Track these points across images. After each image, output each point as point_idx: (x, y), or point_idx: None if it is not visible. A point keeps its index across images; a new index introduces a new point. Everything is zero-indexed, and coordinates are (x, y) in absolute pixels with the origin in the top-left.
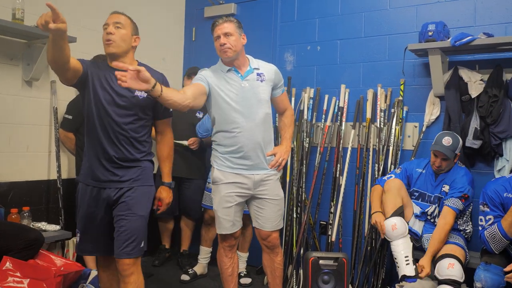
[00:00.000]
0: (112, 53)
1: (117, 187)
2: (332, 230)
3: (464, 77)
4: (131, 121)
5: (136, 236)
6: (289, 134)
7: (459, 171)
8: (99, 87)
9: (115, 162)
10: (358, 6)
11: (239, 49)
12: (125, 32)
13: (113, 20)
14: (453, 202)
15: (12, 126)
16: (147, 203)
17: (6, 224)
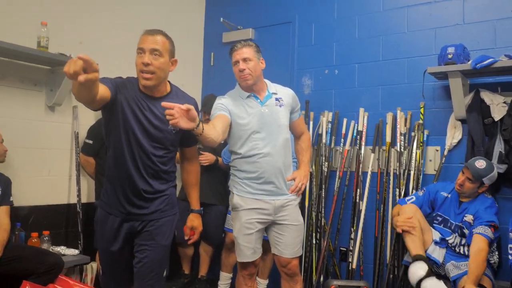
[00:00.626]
0: (149, 86)
1: (142, 219)
2: (353, 256)
3: (486, 99)
4: (161, 154)
5: (160, 267)
6: (307, 158)
7: (484, 202)
8: (130, 113)
9: (142, 195)
10: (375, 30)
11: (258, 74)
12: (163, 61)
13: (150, 46)
14: (483, 230)
15: (34, 150)
16: (171, 232)
17: (27, 248)
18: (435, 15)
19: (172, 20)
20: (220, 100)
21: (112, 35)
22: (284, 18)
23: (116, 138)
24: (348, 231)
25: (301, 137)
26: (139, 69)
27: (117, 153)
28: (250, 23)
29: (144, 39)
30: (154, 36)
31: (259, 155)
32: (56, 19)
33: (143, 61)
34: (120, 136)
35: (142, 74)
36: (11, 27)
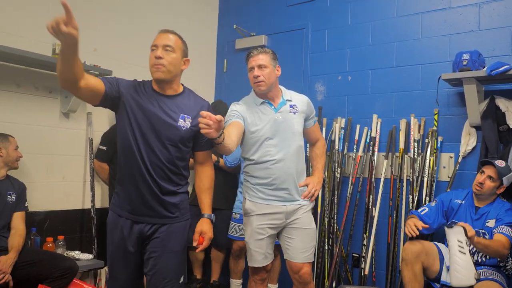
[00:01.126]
0: (160, 79)
1: (152, 222)
2: (365, 263)
3: (501, 106)
4: (170, 152)
5: (174, 273)
6: (321, 165)
7: (504, 205)
8: (138, 111)
9: (151, 196)
10: (389, 36)
11: (273, 81)
12: (175, 56)
13: (163, 42)
14: (505, 229)
15: (49, 157)
16: (183, 238)
17: (42, 253)
18: (450, 21)
19: (186, 27)
20: (234, 107)
21: (125, 42)
22: (297, 25)
23: (124, 136)
24: (360, 237)
25: (316, 144)
26: (152, 63)
27: (126, 152)
28: (263, 29)
29: (158, 37)
30: (167, 34)
31: (272, 161)
32: None
33: (155, 55)
34: (128, 134)
35: (154, 67)
36: (26, 34)
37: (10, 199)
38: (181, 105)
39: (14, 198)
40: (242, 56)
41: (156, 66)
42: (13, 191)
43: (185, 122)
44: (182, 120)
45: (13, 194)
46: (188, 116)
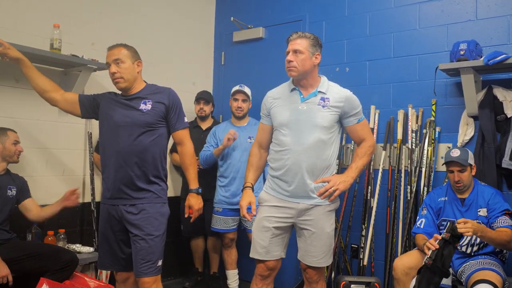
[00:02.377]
0: (122, 88)
1: (129, 203)
2: (364, 253)
3: (499, 96)
4: (138, 137)
5: (153, 255)
6: (356, 165)
7: (487, 190)
8: (110, 110)
9: (128, 183)
10: (387, 27)
11: (308, 69)
12: (126, 65)
13: (112, 58)
14: (504, 221)
15: (49, 151)
16: (162, 222)
17: (43, 246)
18: (447, 11)
19: (183, 20)
20: (265, 100)
21: (123, 36)
22: (295, 16)
23: (102, 131)
24: (359, 228)
25: (361, 144)
26: (111, 79)
27: (104, 144)
28: (260, 21)
29: (107, 55)
30: (114, 49)
31: (285, 151)
32: (68, 21)
33: (110, 71)
34: (104, 128)
35: (114, 81)
36: (24, 29)
37: (10, 193)
38: (142, 96)
39: (14, 193)
40: (239, 48)
41: (116, 80)
42: (13, 185)
43: (146, 105)
44: (144, 104)
45: (14, 189)
46: (149, 100)
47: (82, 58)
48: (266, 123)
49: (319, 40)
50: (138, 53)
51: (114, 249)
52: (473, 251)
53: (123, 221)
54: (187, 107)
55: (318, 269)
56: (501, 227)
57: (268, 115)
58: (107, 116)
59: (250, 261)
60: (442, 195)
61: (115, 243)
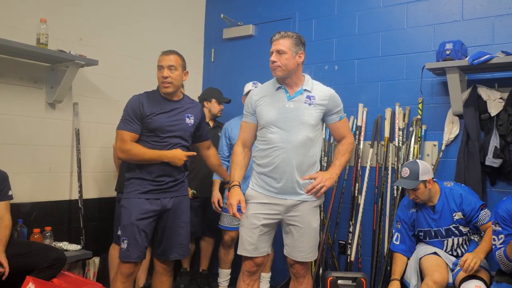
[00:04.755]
0: (168, 92)
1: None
2: (351, 249)
3: (483, 95)
4: (183, 144)
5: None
6: (339, 162)
7: (455, 192)
8: (158, 115)
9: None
10: (375, 25)
11: (292, 68)
12: (178, 73)
13: (167, 63)
14: (485, 216)
15: (35, 148)
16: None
17: (29, 244)
18: (434, 11)
19: (173, 17)
20: (249, 99)
21: (111, 31)
22: (285, 14)
23: (150, 137)
24: (346, 225)
25: (342, 141)
26: (160, 81)
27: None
28: (250, 19)
29: (162, 58)
30: (170, 55)
31: (273, 148)
32: (55, 16)
33: (163, 75)
34: (150, 133)
35: (163, 85)
36: (11, 24)
37: None
38: (185, 107)
39: None
40: (229, 45)
41: (165, 85)
42: None
43: (189, 119)
44: (188, 118)
45: None
46: (191, 115)
47: (70, 53)
48: (250, 121)
49: (302, 39)
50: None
51: (143, 240)
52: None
53: (163, 211)
54: None
55: (306, 264)
56: (486, 223)
57: (254, 113)
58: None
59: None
60: (411, 206)
61: (145, 234)
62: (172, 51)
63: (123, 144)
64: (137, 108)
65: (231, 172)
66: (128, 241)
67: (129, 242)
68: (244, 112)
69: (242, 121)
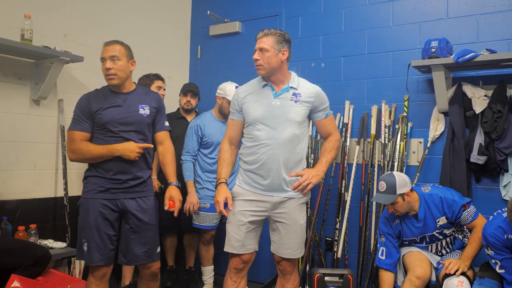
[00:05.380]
0: (115, 84)
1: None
2: (338, 246)
3: (468, 93)
4: (140, 138)
5: (157, 242)
6: (326, 159)
7: (435, 197)
8: (107, 110)
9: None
10: (361, 23)
11: (274, 66)
12: (122, 63)
13: (109, 54)
14: (468, 216)
15: (20, 144)
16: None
17: (14, 241)
18: (419, 9)
19: (159, 13)
20: (236, 96)
21: (96, 27)
22: (271, 11)
23: (103, 133)
24: (333, 222)
25: (328, 138)
26: (104, 74)
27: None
28: (237, 16)
29: (104, 50)
30: (112, 45)
31: (260, 145)
32: (39, 12)
33: (105, 67)
34: (102, 129)
35: (107, 77)
36: None
37: None
38: (137, 98)
39: None
40: (216, 42)
41: (109, 77)
42: None
43: (144, 110)
44: (142, 109)
45: None
46: (146, 105)
47: (55, 49)
48: (237, 118)
49: (286, 36)
50: (132, 52)
51: (105, 242)
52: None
53: (124, 213)
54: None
55: (293, 261)
56: (469, 222)
57: (240, 111)
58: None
59: (224, 256)
60: (394, 218)
61: (106, 236)
62: (114, 41)
63: (72, 144)
64: (84, 107)
65: (218, 169)
66: (88, 243)
67: (89, 244)
68: (230, 109)
69: (229, 118)
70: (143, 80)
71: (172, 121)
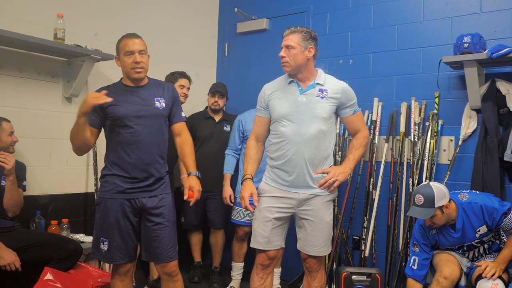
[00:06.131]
0: (141, 78)
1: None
2: (366, 245)
3: (502, 89)
4: (157, 131)
5: (175, 240)
6: (353, 156)
7: (475, 205)
8: (123, 106)
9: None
10: (391, 19)
11: (301, 63)
12: (147, 57)
13: (138, 48)
14: (510, 221)
15: (53, 141)
16: (174, 212)
17: (47, 235)
18: (451, 4)
19: (187, 11)
20: (262, 93)
21: (127, 26)
22: (299, 8)
23: (118, 129)
24: (361, 220)
25: (356, 135)
26: (131, 67)
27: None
28: (264, 13)
29: (130, 43)
30: (138, 40)
31: (286, 141)
32: (72, 11)
33: (135, 60)
34: (118, 124)
35: (135, 70)
36: (28, 19)
37: (4, 184)
38: (152, 90)
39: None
40: (243, 39)
41: (138, 70)
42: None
43: (160, 103)
44: (158, 102)
45: None
46: (161, 98)
47: (86, 48)
48: (263, 115)
49: (312, 34)
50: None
51: (126, 241)
52: (481, 254)
53: (142, 211)
54: (190, 98)
55: (319, 258)
56: (510, 228)
57: (266, 107)
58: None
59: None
60: (430, 228)
61: (127, 235)
62: (135, 34)
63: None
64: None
65: (244, 166)
66: (109, 242)
67: (110, 244)
68: (257, 106)
69: (256, 115)
70: (168, 78)
71: (201, 121)
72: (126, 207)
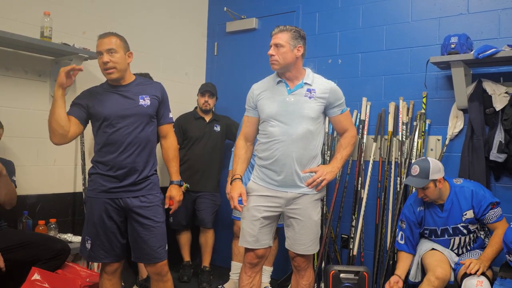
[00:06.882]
0: (114, 78)
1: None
2: (354, 243)
3: (488, 89)
4: (140, 129)
5: (164, 240)
6: (341, 155)
7: (466, 190)
8: (107, 105)
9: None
10: (379, 19)
11: (289, 61)
12: (119, 55)
13: (105, 47)
14: (493, 215)
15: (40, 140)
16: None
17: (34, 235)
18: (439, 4)
19: (176, 10)
20: (251, 93)
21: (115, 25)
22: (288, 7)
23: (103, 129)
24: (349, 219)
25: (344, 134)
26: (102, 68)
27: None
28: (254, 12)
29: (99, 43)
30: (107, 38)
31: (274, 141)
32: (59, 9)
33: (103, 61)
34: (102, 124)
35: (105, 71)
36: (14, 17)
37: None
38: (137, 88)
39: None
40: (233, 39)
41: (108, 71)
42: None
43: (145, 101)
44: (142, 100)
45: None
46: (146, 96)
47: (73, 46)
48: (252, 115)
49: (301, 33)
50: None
51: (111, 240)
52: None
53: (127, 211)
54: (180, 97)
55: (307, 257)
56: (492, 222)
57: (255, 107)
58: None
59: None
60: (419, 204)
61: (111, 234)
62: (109, 33)
63: None
64: (82, 96)
65: (233, 166)
66: (92, 241)
67: (93, 242)
68: (246, 106)
69: (244, 115)
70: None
71: (191, 122)
72: (109, 206)
